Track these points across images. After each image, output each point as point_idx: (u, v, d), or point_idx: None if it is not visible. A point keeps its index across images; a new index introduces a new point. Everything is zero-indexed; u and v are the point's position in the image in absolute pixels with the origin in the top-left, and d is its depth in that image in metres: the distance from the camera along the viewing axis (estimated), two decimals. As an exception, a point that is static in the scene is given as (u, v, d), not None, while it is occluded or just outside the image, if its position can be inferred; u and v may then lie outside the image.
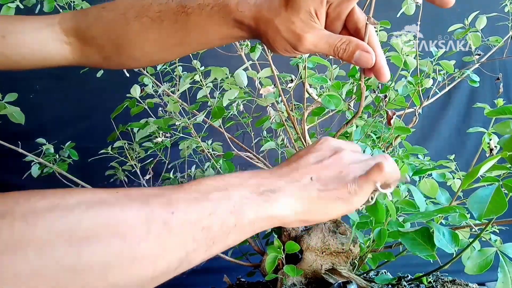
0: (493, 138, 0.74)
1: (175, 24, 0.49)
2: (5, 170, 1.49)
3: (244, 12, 0.46)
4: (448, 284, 0.81)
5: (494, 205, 0.50)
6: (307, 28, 0.44)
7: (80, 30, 0.52)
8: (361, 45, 0.45)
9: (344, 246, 0.76)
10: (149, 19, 0.50)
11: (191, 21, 0.49)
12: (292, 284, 0.77)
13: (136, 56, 0.53)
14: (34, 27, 0.51)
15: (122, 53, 0.53)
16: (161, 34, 0.50)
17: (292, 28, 0.45)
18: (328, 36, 0.45)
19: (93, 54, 0.54)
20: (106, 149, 1.02)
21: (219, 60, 0.92)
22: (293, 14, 0.44)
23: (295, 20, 0.44)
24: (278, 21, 0.45)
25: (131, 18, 0.50)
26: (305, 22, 0.44)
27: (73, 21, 0.52)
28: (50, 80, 1.58)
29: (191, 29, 0.49)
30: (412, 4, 0.84)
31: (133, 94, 0.92)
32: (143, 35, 0.51)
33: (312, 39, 0.45)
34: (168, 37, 0.50)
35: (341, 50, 0.45)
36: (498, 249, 0.57)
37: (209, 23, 0.48)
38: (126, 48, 0.52)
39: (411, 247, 0.65)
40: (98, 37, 0.52)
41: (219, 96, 0.85)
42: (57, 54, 0.53)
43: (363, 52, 0.44)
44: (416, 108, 0.86)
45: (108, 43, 0.52)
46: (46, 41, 0.52)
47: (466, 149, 1.68)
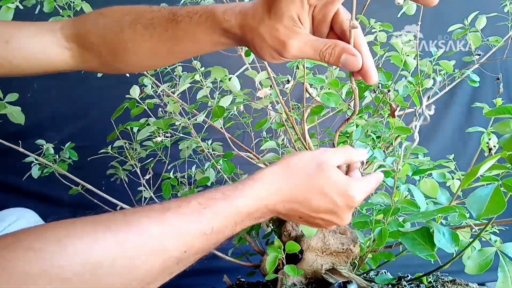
0: (492, 137, 0.75)
1: (166, 32, 0.50)
2: (5, 170, 1.49)
3: (231, 21, 0.46)
4: (448, 284, 0.81)
5: (493, 205, 0.50)
6: (291, 34, 0.44)
7: (79, 36, 0.53)
8: (347, 48, 0.44)
9: (344, 246, 0.76)
10: (142, 26, 0.50)
11: (181, 29, 0.49)
12: (292, 284, 0.77)
13: (131, 62, 0.54)
14: (36, 33, 0.52)
15: (117, 59, 0.54)
16: (153, 42, 0.51)
17: (276, 35, 0.44)
18: (313, 41, 0.45)
19: (92, 60, 0.55)
20: (106, 148, 1.02)
21: (219, 60, 0.92)
22: (276, 21, 0.44)
23: (278, 27, 0.44)
24: (262, 29, 0.45)
25: (126, 25, 0.51)
26: (289, 28, 0.44)
27: (73, 28, 0.54)
28: (48, 79, 1.57)
29: (181, 37, 0.50)
30: (412, 4, 0.84)
31: (133, 95, 0.92)
32: (136, 42, 0.51)
33: (297, 44, 0.44)
34: (160, 44, 0.51)
35: (327, 55, 0.44)
36: (498, 249, 0.57)
37: (198, 31, 0.49)
38: (121, 54, 0.53)
39: (411, 247, 0.65)
40: (95, 43, 0.53)
41: (219, 96, 0.85)
42: (58, 59, 0.54)
43: (349, 56, 0.44)
44: (416, 108, 0.86)
45: (105, 49, 0.53)
46: (48, 46, 0.53)
47: (468, 148, 1.68)
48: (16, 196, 1.54)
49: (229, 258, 0.89)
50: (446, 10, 1.58)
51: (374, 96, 0.86)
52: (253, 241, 0.93)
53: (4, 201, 1.52)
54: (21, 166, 0.99)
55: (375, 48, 0.86)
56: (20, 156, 0.95)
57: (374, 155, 0.75)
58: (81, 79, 1.36)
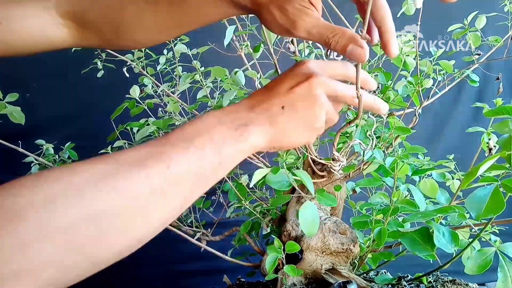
0: (492, 137, 0.75)
1: (170, 7, 0.49)
2: (5, 170, 1.49)
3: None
4: (448, 284, 0.81)
5: (492, 205, 0.50)
6: (300, 14, 0.44)
7: (76, 14, 0.52)
8: (354, 39, 0.44)
9: (344, 246, 0.76)
10: (143, 1, 0.49)
11: (187, 3, 0.48)
12: (292, 284, 0.77)
13: (135, 38, 0.53)
14: (30, 12, 0.51)
15: (120, 36, 0.53)
16: (157, 17, 0.50)
17: (286, 14, 0.44)
18: (321, 26, 0.44)
19: (93, 37, 0.54)
20: (106, 148, 1.02)
21: (219, 60, 0.92)
22: (286, 1, 0.44)
23: (288, 7, 0.44)
24: (272, 6, 0.45)
25: (126, 2, 0.50)
26: (299, 9, 0.44)
27: (68, 5, 0.52)
28: (48, 79, 1.57)
29: (187, 11, 0.49)
30: (412, 4, 0.84)
31: (133, 95, 0.92)
32: (139, 18, 0.50)
33: (305, 26, 0.44)
34: (164, 19, 0.50)
35: (333, 42, 0.44)
36: (498, 249, 0.57)
37: (205, 5, 0.48)
38: (124, 31, 0.52)
39: (411, 247, 0.65)
40: (95, 22, 0.52)
41: (219, 96, 0.85)
42: (56, 38, 0.52)
43: (355, 47, 0.43)
44: (416, 108, 0.86)
45: (106, 27, 0.52)
46: (45, 25, 0.51)
47: (472, 149, 1.68)
48: (16, 196, 1.54)
49: (229, 258, 0.89)
50: (446, 10, 1.58)
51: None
52: (253, 241, 0.93)
53: (4, 201, 1.52)
54: (21, 166, 0.99)
55: (375, 48, 0.86)
56: (20, 156, 0.95)
57: (373, 155, 0.75)
58: (81, 79, 1.36)
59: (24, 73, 1.51)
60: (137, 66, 1.00)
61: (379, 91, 0.83)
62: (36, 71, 1.54)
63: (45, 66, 1.54)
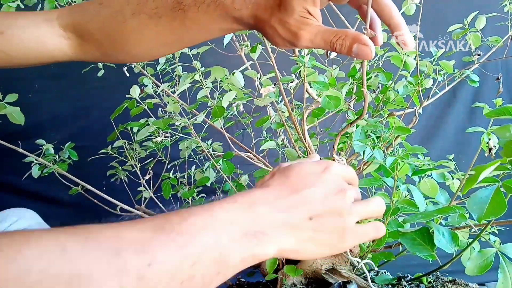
0: (492, 137, 0.74)
1: (173, 21, 0.49)
2: (5, 170, 1.49)
3: (241, 10, 0.46)
4: (448, 284, 0.81)
5: (494, 207, 0.50)
6: (301, 25, 0.44)
7: (78, 26, 0.52)
8: (358, 38, 0.44)
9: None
10: (146, 16, 0.49)
11: (189, 18, 0.48)
12: (292, 284, 0.77)
13: (133, 52, 0.53)
14: (32, 23, 0.51)
15: (119, 50, 0.53)
16: (158, 31, 0.50)
17: (287, 27, 0.45)
18: (323, 32, 0.45)
19: (92, 50, 0.53)
20: (106, 148, 1.02)
21: (219, 60, 0.92)
22: (286, 15, 0.44)
23: (289, 20, 0.44)
24: (274, 20, 0.45)
25: (128, 15, 0.50)
26: (299, 20, 0.44)
27: (71, 17, 0.52)
28: (48, 79, 1.57)
29: (190, 26, 0.49)
30: (412, 4, 0.84)
31: (133, 95, 0.92)
32: (140, 32, 0.50)
33: (308, 36, 0.45)
34: (166, 34, 0.50)
35: (338, 45, 0.44)
36: (498, 250, 0.57)
37: (207, 21, 0.48)
38: (123, 45, 0.52)
39: (411, 247, 0.65)
40: (95, 34, 0.51)
41: (219, 96, 0.85)
42: (56, 50, 0.52)
43: (361, 46, 0.44)
44: (416, 108, 0.86)
45: (106, 40, 0.52)
46: (45, 36, 0.51)
47: (471, 148, 1.68)
48: (16, 196, 1.54)
49: (229, 258, 0.89)
50: (446, 10, 1.58)
51: (374, 96, 0.86)
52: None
53: (4, 201, 1.52)
54: (21, 166, 0.99)
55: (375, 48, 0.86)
56: (20, 156, 0.95)
57: (373, 155, 0.75)
58: (81, 79, 1.36)
59: (26, 74, 1.51)
60: (137, 66, 1.00)
61: (379, 91, 0.83)
62: (38, 72, 1.54)
63: (45, 66, 1.53)
